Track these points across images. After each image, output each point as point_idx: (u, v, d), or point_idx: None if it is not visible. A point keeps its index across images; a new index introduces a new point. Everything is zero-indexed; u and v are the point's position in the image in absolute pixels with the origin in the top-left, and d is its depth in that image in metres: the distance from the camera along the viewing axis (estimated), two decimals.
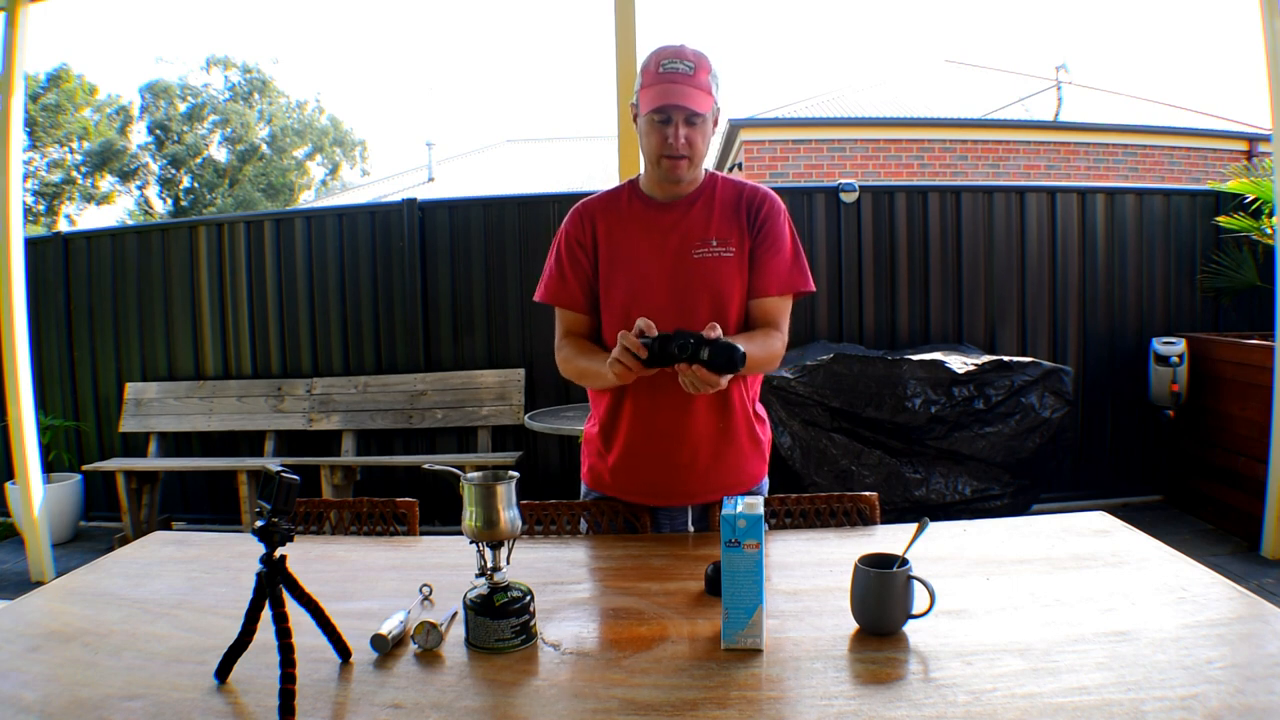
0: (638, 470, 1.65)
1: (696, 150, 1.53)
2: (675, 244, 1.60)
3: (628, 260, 1.62)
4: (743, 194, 1.64)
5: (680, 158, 1.53)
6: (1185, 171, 9.63)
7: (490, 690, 1.05)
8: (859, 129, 9.42)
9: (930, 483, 3.76)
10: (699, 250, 1.59)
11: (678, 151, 1.52)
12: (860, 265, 4.47)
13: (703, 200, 1.63)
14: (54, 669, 1.13)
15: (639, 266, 1.60)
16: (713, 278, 1.58)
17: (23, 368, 3.78)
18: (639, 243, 1.62)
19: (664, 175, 1.57)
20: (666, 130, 1.51)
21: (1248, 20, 3.54)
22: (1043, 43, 68.36)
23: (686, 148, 1.52)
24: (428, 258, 4.56)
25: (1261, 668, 1.03)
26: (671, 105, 1.48)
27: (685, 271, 1.59)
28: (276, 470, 1.06)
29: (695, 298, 1.58)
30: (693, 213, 1.61)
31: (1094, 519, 1.62)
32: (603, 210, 1.66)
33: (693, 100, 1.48)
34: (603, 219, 1.65)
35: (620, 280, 1.62)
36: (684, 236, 1.60)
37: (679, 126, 1.50)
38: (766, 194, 1.65)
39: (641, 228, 1.62)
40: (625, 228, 1.63)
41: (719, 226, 1.60)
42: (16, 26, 3.66)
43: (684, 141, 1.51)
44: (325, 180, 27.04)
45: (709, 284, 1.58)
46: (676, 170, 1.55)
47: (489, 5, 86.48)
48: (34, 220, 22.14)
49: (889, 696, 0.98)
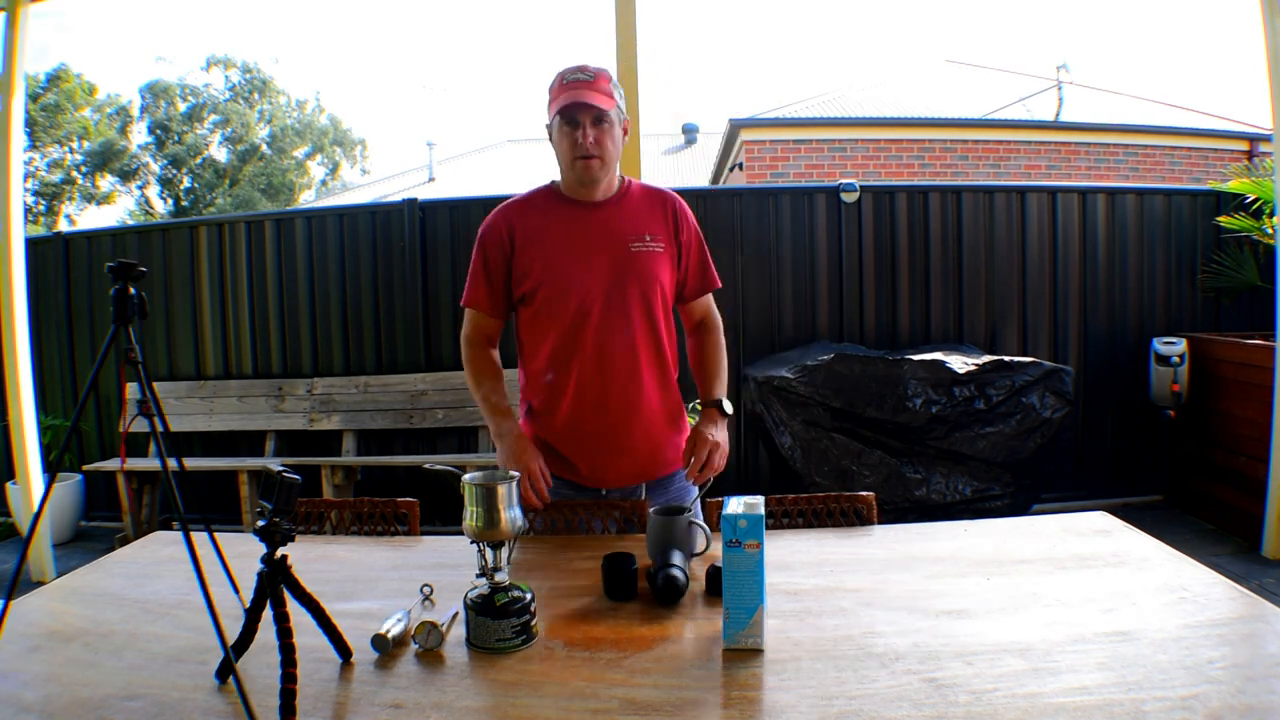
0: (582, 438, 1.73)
1: (605, 150, 1.63)
2: (611, 237, 1.68)
3: (552, 256, 1.67)
4: (659, 196, 1.76)
5: (591, 157, 1.62)
6: (1186, 171, 9.63)
7: (491, 690, 1.05)
8: (860, 129, 9.41)
9: (931, 483, 3.76)
10: (635, 244, 1.68)
11: (588, 151, 1.61)
12: (861, 265, 4.47)
13: (627, 200, 1.73)
14: (55, 669, 1.13)
15: (567, 261, 1.67)
16: (648, 270, 1.68)
17: (23, 367, 3.78)
18: (567, 239, 1.68)
19: (579, 177, 1.66)
20: (576, 133, 1.61)
21: (1248, 20, 3.54)
22: (1043, 43, 68.35)
23: (596, 147, 1.62)
24: (428, 257, 4.56)
25: (1262, 668, 1.03)
26: (575, 104, 1.59)
27: (621, 263, 1.67)
28: (277, 470, 1.06)
29: (628, 288, 1.67)
30: (622, 210, 1.71)
31: (1095, 519, 1.62)
32: (520, 212, 1.73)
33: (595, 100, 1.59)
34: (520, 220, 1.71)
35: (543, 275, 1.67)
36: (618, 231, 1.69)
37: (586, 128, 1.61)
38: (676, 196, 1.78)
39: (568, 225, 1.69)
40: (549, 226, 1.70)
41: (649, 224, 1.71)
42: (16, 26, 3.66)
43: (592, 141, 1.61)
44: (325, 180, 27.05)
45: (643, 276, 1.68)
46: (589, 170, 1.64)
47: (489, 5, 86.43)
48: (34, 220, 22.15)
49: (889, 696, 0.98)
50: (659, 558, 1.31)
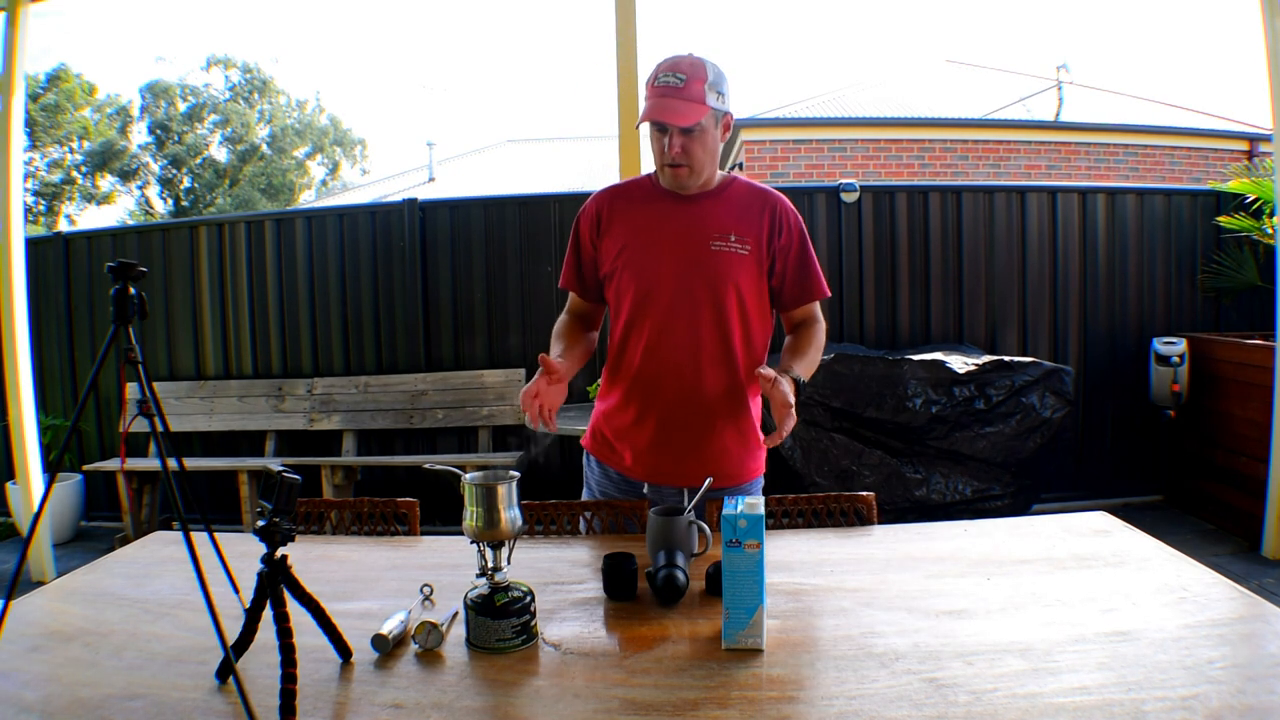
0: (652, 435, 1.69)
1: (694, 158, 1.59)
2: (693, 232, 1.65)
3: (630, 243, 1.67)
4: (765, 199, 1.69)
5: (678, 166, 1.59)
6: (1186, 171, 9.63)
7: (491, 690, 1.05)
8: (860, 129, 9.42)
9: (931, 483, 3.76)
10: (717, 242, 1.64)
11: (674, 160, 1.58)
12: (861, 265, 4.47)
13: (725, 196, 1.68)
14: (55, 669, 1.13)
15: (651, 249, 1.66)
16: (723, 270, 1.63)
17: (23, 367, 3.78)
18: (648, 228, 1.67)
19: (668, 181, 1.65)
20: (664, 139, 1.58)
21: (1248, 20, 3.54)
22: (1043, 43, 68.34)
23: (683, 156, 1.58)
24: (429, 258, 4.56)
25: (1262, 668, 1.03)
26: (656, 121, 1.55)
27: (697, 260, 1.63)
28: (278, 470, 1.06)
29: (698, 287, 1.63)
30: (715, 206, 1.67)
31: (1095, 519, 1.62)
32: (618, 196, 1.73)
33: (676, 115, 1.53)
34: (616, 203, 1.72)
35: (617, 261, 1.68)
36: (703, 227, 1.65)
37: (674, 137, 1.56)
38: (783, 199, 1.71)
39: (653, 215, 1.68)
40: (636, 214, 1.69)
41: (739, 224, 1.65)
42: (17, 26, 3.66)
43: (679, 150, 1.57)
44: (325, 180, 27.04)
45: (717, 276, 1.63)
46: (676, 178, 1.62)
47: (489, 5, 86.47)
48: (34, 220, 22.14)
49: (889, 696, 0.98)
50: (659, 558, 1.32)
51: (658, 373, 1.65)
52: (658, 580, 1.26)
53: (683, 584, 1.27)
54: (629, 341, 1.68)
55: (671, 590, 1.26)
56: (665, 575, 1.26)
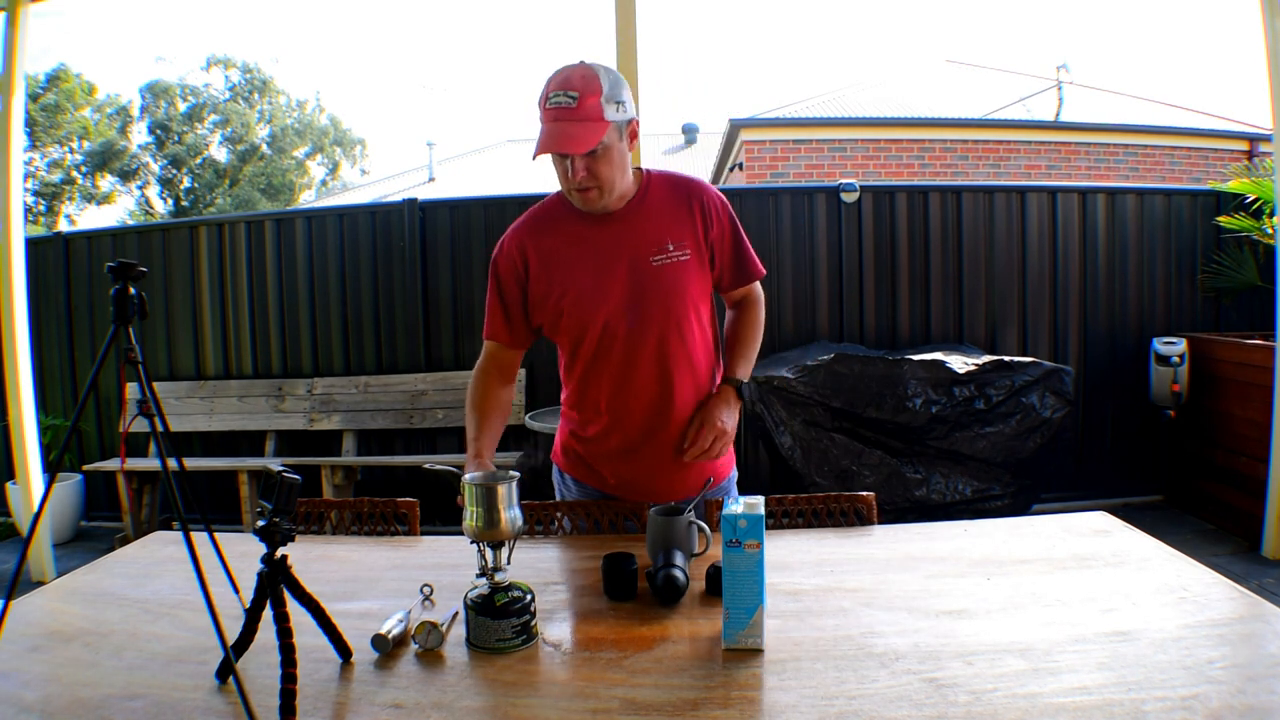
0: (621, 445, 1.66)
1: (603, 178, 1.48)
2: (630, 253, 1.56)
3: (570, 280, 1.57)
4: (688, 192, 1.62)
5: (587, 189, 1.49)
6: (1186, 171, 9.63)
7: (491, 690, 1.05)
8: (859, 129, 9.41)
9: (931, 483, 3.76)
10: (657, 257, 1.56)
11: (581, 185, 1.48)
12: (861, 265, 4.47)
13: (648, 203, 1.59)
14: (55, 669, 1.13)
15: (594, 286, 1.56)
16: (671, 285, 1.56)
17: (23, 367, 3.78)
18: (583, 260, 1.57)
19: (580, 205, 1.55)
20: (565, 164, 1.47)
21: (1248, 20, 3.54)
22: (1043, 43, 68.33)
23: (590, 179, 1.47)
24: (429, 257, 4.56)
25: (1262, 668, 1.03)
26: (554, 153, 1.44)
27: (643, 283, 1.56)
28: (278, 470, 1.06)
29: (652, 310, 1.56)
30: (640, 220, 1.57)
31: (1094, 519, 1.62)
32: (537, 233, 1.62)
33: (574, 142, 1.41)
34: (540, 242, 1.61)
35: (561, 302, 1.58)
36: (638, 244, 1.56)
37: (576, 161, 1.45)
38: (704, 186, 1.64)
39: (583, 244, 1.57)
40: (564, 248, 1.59)
41: (672, 229, 1.58)
42: (17, 26, 3.66)
43: (585, 174, 1.46)
44: (325, 180, 27.05)
45: (667, 292, 1.56)
46: (588, 202, 1.52)
47: (489, 5, 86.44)
48: (34, 220, 22.15)
49: (889, 696, 0.98)
50: (659, 558, 1.32)
51: (628, 404, 1.61)
52: (658, 580, 1.27)
53: (683, 584, 1.27)
54: (590, 379, 1.63)
55: (671, 590, 1.26)
56: (665, 575, 1.26)
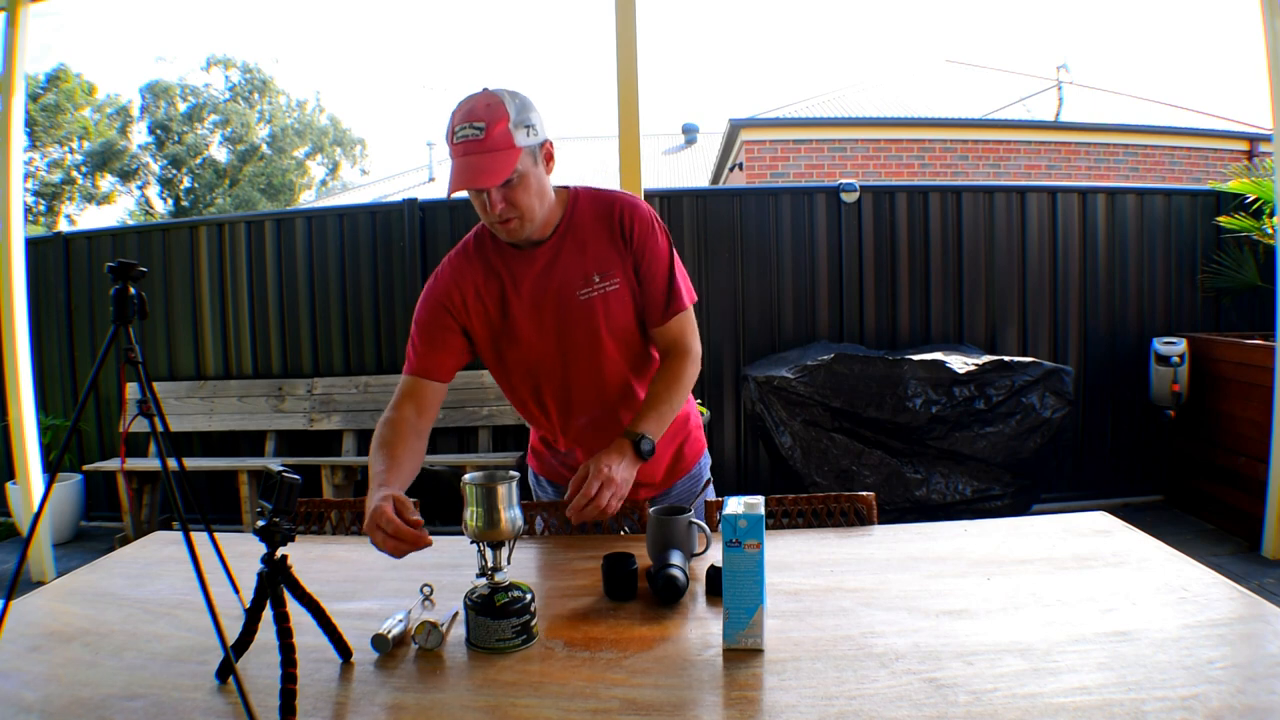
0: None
1: (522, 207, 1.41)
2: (557, 289, 1.51)
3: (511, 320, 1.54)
4: (610, 213, 1.54)
5: (507, 220, 1.43)
6: (1186, 171, 9.63)
7: (491, 690, 1.05)
8: (860, 129, 9.42)
9: (931, 483, 3.76)
10: (583, 291, 1.51)
11: (500, 216, 1.42)
12: (861, 265, 4.47)
13: (571, 233, 1.52)
14: (55, 669, 1.12)
15: (525, 326, 1.53)
16: (599, 320, 1.52)
17: (23, 367, 3.79)
18: (520, 297, 1.53)
19: (504, 237, 1.49)
20: (482, 198, 1.41)
21: (1248, 20, 3.54)
22: (1043, 43, 68.33)
23: (510, 210, 1.41)
24: (428, 257, 4.56)
25: (1262, 668, 1.03)
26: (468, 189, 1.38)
27: (571, 319, 1.51)
28: (277, 470, 1.06)
29: (581, 345, 1.53)
30: (567, 246, 1.52)
31: (1095, 519, 1.62)
32: (458, 273, 1.56)
33: (486, 176, 1.35)
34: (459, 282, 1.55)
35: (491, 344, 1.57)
36: (564, 279, 1.51)
37: (493, 194, 1.39)
38: (632, 205, 1.54)
39: (517, 276, 1.53)
40: (491, 287, 1.54)
41: (598, 258, 1.52)
42: (17, 26, 3.67)
43: (504, 205, 1.40)
44: (325, 180, 27.06)
45: (596, 327, 1.52)
46: (511, 233, 1.46)
47: (489, 5, 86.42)
48: (34, 220, 22.16)
49: (889, 696, 0.98)
50: (659, 558, 1.32)
51: (584, 428, 1.61)
52: (658, 580, 1.26)
53: (683, 584, 1.27)
54: (539, 414, 1.64)
55: (671, 590, 1.26)
56: (665, 575, 1.26)
